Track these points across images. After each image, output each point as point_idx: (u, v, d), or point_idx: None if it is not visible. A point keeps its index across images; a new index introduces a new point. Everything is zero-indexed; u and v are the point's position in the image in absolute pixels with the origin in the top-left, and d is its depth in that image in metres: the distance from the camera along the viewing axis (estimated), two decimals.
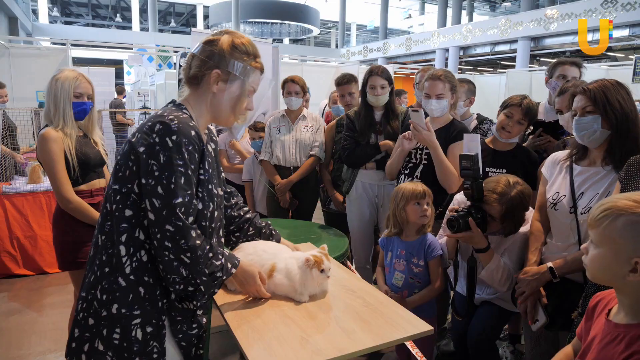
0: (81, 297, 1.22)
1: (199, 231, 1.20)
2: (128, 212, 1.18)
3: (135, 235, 1.18)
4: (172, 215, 1.13)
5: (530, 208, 1.97)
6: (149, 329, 1.18)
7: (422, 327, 1.34)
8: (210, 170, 1.28)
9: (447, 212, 2.00)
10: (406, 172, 2.49)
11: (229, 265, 1.29)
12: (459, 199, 2.11)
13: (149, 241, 1.19)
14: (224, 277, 1.27)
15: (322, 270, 1.45)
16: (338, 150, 3.14)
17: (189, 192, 1.17)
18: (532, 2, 16.95)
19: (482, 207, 1.89)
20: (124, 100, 9.44)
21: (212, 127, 4.17)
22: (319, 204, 3.49)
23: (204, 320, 1.31)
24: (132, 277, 1.17)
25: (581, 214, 1.67)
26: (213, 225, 1.30)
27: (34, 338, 2.82)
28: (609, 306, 1.09)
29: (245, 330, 1.30)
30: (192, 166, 1.18)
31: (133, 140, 1.19)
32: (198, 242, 1.17)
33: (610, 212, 0.98)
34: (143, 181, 1.15)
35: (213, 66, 1.27)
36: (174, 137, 1.14)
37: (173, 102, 1.31)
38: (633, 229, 0.95)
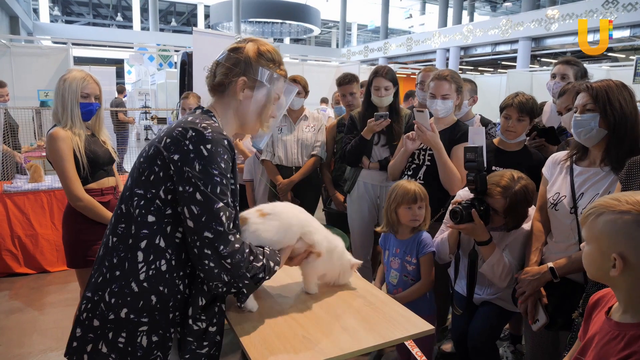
0: (86, 297, 1.20)
1: (237, 235, 1.19)
2: (151, 218, 1.16)
3: (156, 242, 1.16)
4: (213, 220, 1.12)
5: (534, 205, 1.97)
6: (154, 338, 1.17)
7: (423, 326, 1.34)
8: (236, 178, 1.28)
9: (451, 204, 2.01)
10: (409, 172, 2.48)
11: (272, 264, 1.27)
12: (462, 195, 2.12)
13: (170, 250, 1.17)
14: (267, 277, 1.26)
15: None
16: (339, 150, 3.15)
17: (226, 200, 1.16)
18: (533, 3, 16.96)
19: (485, 200, 1.90)
20: (124, 99, 9.45)
21: None
22: (320, 204, 3.50)
23: (218, 338, 1.27)
24: (145, 284, 1.16)
25: (581, 214, 1.67)
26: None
27: (35, 336, 2.83)
28: (609, 304, 1.10)
29: (247, 329, 1.30)
30: (228, 175, 1.18)
31: (160, 144, 1.17)
32: (237, 245, 1.16)
33: (595, 210, 1.02)
34: (180, 189, 1.13)
35: (239, 73, 1.26)
36: (208, 146, 1.13)
37: (201, 108, 1.29)
38: (612, 225, 0.98)
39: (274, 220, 1.39)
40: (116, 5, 28.32)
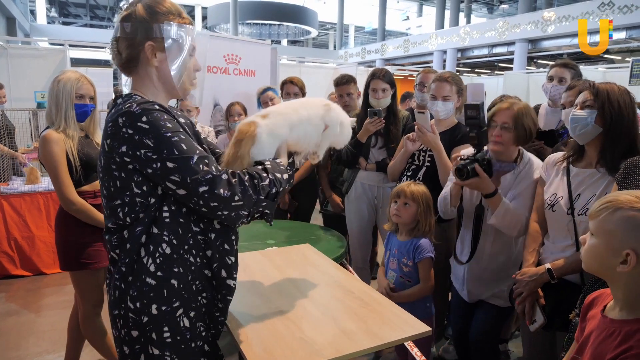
0: (114, 316, 1.18)
1: (229, 170, 1.14)
2: (141, 215, 1.14)
3: (150, 232, 1.14)
4: (197, 174, 1.07)
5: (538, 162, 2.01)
6: (192, 314, 1.18)
7: (420, 327, 1.34)
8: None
9: (452, 160, 2.03)
10: (408, 173, 2.49)
11: (279, 175, 1.21)
12: (463, 151, 2.12)
13: (165, 232, 1.15)
14: (283, 187, 1.22)
15: None
16: (335, 152, 3.14)
17: (198, 150, 1.11)
18: (530, 5, 17.01)
19: (486, 155, 1.93)
20: None
21: (210, 128, 4.09)
22: (317, 206, 3.49)
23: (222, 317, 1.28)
24: (159, 273, 1.14)
25: (578, 215, 1.68)
26: None
27: (31, 339, 2.82)
28: (604, 302, 1.11)
29: (244, 331, 1.30)
30: (182, 129, 1.13)
31: (106, 150, 1.13)
32: (234, 180, 1.12)
33: (610, 205, 1.03)
34: (149, 171, 1.08)
35: (143, 40, 1.16)
36: (143, 119, 1.07)
37: (120, 97, 1.20)
38: (628, 221, 1.00)
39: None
40: (113, 7, 28.27)
